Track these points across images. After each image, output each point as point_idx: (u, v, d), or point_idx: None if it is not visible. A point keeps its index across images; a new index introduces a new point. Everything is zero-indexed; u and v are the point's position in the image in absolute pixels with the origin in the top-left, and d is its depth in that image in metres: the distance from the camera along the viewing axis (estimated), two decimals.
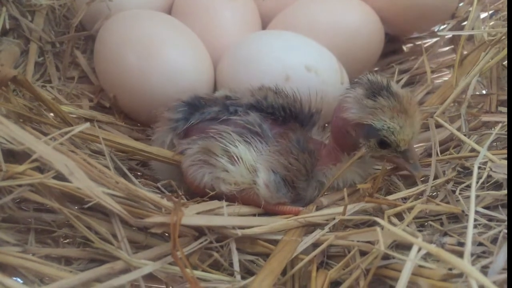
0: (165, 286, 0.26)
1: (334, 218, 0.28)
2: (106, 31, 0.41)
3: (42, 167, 0.28)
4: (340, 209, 0.28)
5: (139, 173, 0.35)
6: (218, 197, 0.30)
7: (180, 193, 0.31)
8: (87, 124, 0.28)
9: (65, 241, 0.28)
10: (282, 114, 0.32)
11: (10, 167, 0.27)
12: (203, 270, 0.26)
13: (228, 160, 0.30)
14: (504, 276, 0.20)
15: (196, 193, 0.32)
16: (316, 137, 0.34)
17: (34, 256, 0.25)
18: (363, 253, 0.26)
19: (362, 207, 0.28)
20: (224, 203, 0.28)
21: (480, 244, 0.25)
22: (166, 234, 0.29)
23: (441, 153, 0.33)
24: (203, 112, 0.32)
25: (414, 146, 0.34)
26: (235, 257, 0.26)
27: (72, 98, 0.42)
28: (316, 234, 0.27)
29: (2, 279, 0.23)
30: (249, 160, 0.30)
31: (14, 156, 0.29)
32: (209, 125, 0.31)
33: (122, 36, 0.39)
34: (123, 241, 0.26)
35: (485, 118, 0.32)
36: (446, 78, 0.49)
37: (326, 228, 0.27)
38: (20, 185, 0.26)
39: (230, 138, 0.30)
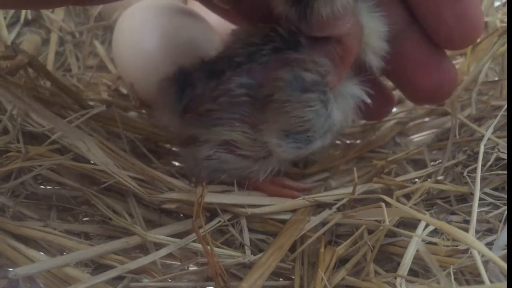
0: (179, 262, 0.28)
1: (342, 198, 0.28)
2: (124, 20, 0.42)
3: (61, 149, 0.29)
4: (348, 189, 0.29)
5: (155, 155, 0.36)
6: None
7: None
8: (104, 107, 0.30)
9: (85, 219, 0.29)
10: (268, 48, 0.27)
11: (31, 149, 0.28)
12: (216, 246, 0.27)
13: (225, 150, 0.27)
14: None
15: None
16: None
17: (56, 230, 0.26)
18: (371, 232, 0.26)
19: (370, 187, 0.29)
20: (235, 186, 0.29)
21: (488, 223, 0.26)
22: (182, 215, 0.30)
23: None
24: (193, 85, 0.28)
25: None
26: (246, 234, 0.27)
27: (91, 85, 0.43)
28: (324, 214, 0.27)
29: (25, 251, 0.25)
30: (247, 144, 0.27)
31: (35, 138, 0.30)
32: (201, 100, 0.28)
33: (139, 25, 0.40)
34: (138, 218, 0.27)
35: (494, 102, 0.32)
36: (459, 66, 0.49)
37: (334, 208, 0.28)
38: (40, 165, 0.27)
39: (220, 119, 0.27)
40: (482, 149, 0.25)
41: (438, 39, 0.26)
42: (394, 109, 0.39)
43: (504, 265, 0.18)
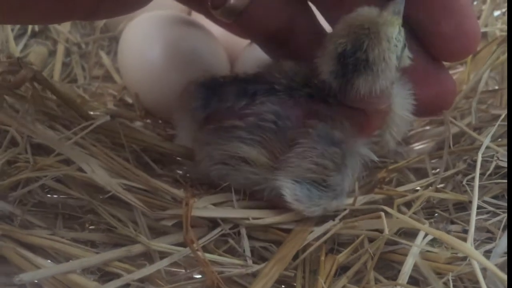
0: (184, 270, 0.28)
1: (345, 209, 0.29)
2: (129, 31, 0.43)
3: (68, 160, 0.30)
4: (351, 200, 0.29)
5: (159, 165, 0.36)
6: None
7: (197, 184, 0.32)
8: (108, 117, 0.30)
9: (91, 227, 0.30)
10: (305, 91, 0.28)
11: (39, 160, 0.29)
12: (219, 255, 0.27)
13: (240, 161, 0.28)
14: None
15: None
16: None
17: (63, 238, 0.27)
18: (371, 240, 0.27)
19: (371, 198, 0.29)
20: (233, 196, 0.29)
21: (488, 232, 0.26)
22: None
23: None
24: (221, 97, 0.29)
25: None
26: (246, 243, 0.27)
27: (96, 96, 0.44)
28: (327, 225, 0.28)
29: (33, 259, 0.25)
30: (264, 163, 0.27)
31: (43, 148, 0.31)
32: (227, 114, 0.28)
33: (144, 36, 0.41)
34: (142, 227, 0.28)
35: (494, 111, 0.32)
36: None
37: (337, 220, 0.28)
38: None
39: (241, 138, 0.28)
40: (480, 158, 0.25)
41: (435, 51, 0.26)
42: None
43: (502, 275, 0.19)
